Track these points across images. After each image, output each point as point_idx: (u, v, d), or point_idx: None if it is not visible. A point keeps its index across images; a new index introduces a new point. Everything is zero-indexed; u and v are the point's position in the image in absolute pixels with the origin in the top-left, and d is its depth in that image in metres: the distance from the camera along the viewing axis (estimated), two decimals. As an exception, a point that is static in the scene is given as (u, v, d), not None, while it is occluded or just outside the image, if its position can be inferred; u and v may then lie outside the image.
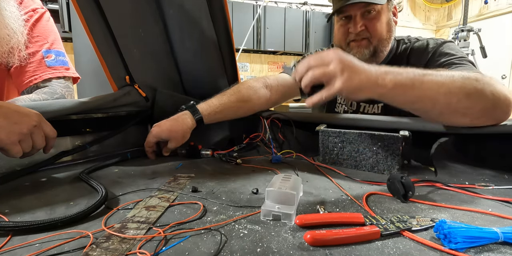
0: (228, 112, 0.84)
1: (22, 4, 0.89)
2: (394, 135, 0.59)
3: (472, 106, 0.55)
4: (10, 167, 0.61)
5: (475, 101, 0.55)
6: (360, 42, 0.87)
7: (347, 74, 0.52)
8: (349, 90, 0.53)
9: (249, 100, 0.87)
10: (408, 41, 0.93)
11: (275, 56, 4.05)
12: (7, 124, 0.50)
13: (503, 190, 0.51)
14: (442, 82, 0.55)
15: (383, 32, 0.86)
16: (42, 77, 0.90)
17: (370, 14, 0.84)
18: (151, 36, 0.99)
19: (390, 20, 0.88)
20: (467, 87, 0.54)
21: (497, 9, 3.65)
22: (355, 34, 0.86)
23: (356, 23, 0.85)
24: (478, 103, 0.55)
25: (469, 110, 0.56)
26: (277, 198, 0.42)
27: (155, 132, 0.76)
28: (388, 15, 0.87)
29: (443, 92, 0.54)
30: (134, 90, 0.91)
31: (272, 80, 0.96)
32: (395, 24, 0.90)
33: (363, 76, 0.53)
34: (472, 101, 0.55)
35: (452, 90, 0.54)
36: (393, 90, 0.55)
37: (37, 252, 0.32)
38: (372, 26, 0.85)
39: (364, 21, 0.85)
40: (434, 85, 0.55)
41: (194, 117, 0.79)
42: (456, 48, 0.83)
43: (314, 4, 3.85)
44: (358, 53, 0.88)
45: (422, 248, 0.33)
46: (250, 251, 0.32)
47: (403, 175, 0.47)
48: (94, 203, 0.42)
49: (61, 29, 2.43)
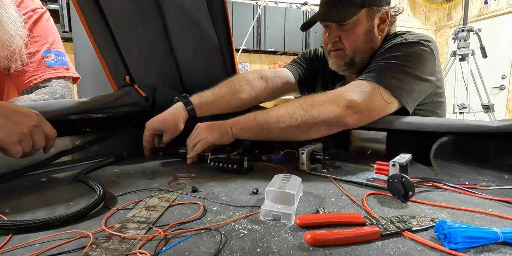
0: (221, 102, 0.84)
1: (22, 4, 0.89)
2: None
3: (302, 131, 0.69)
4: (10, 167, 0.61)
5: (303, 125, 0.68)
6: (337, 53, 0.86)
7: (210, 132, 0.71)
8: (218, 137, 0.71)
9: (242, 90, 0.87)
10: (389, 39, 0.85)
11: (275, 56, 4.05)
12: (7, 124, 0.50)
13: (503, 190, 0.51)
14: (271, 116, 0.70)
15: (358, 44, 0.83)
16: (42, 77, 0.90)
17: (345, 25, 0.81)
18: (151, 36, 0.99)
19: (370, 30, 0.83)
20: (290, 115, 0.68)
21: (497, 9, 3.65)
22: (331, 44, 0.85)
23: (330, 34, 0.84)
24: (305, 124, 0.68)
25: (305, 129, 0.69)
26: (277, 198, 0.42)
27: (149, 125, 0.77)
28: (368, 25, 0.82)
29: (273, 122, 0.69)
30: (134, 90, 0.91)
31: (268, 71, 0.96)
32: (381, 32, 0.84)
33: (221, 128, 0.72)
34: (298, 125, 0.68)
35: (278, 119, 0.69)
36: (239, 131, 0.71)
37: (37, 252, 0.32)
38: (346, 37, 0.83)
39: (339, 32, 0.83)
40: (264, 120, 0.70)
41: (186, 107, 0.79)
42: (403, 52, 0.74)
43: (314, 4, 3.85)
44: (334, 63, 0.87)
45: (422, 248, 0.33)
46: (250, 251, 0.32)
47: (403, 175, 0.46)
48: (92, 202, 0.42)
49: (61, 29, 2.42)
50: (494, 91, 3.63)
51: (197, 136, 0.71)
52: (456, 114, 2.42)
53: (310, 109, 0.67)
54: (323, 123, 0.67)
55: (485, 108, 2.54)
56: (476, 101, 2.57)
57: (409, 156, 0.55)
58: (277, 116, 0.69)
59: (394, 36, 0.84)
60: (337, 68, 0.88)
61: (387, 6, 0.84)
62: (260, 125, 0.70)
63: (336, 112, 0.66)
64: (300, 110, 0.68)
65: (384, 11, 0.83)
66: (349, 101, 0.67)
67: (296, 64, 1.04)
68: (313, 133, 0.70)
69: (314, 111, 0.67)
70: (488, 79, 2.91)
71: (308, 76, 1.03)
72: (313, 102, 0.68)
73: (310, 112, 0.67)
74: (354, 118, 0.68)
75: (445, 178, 0.57)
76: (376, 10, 0.82)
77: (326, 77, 1.02)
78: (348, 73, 0.90)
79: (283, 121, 0.68)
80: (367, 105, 0.68)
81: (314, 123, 0.67)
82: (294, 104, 0.69)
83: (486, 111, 2.55)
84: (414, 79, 0.72)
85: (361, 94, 0.68)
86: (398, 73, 0.71)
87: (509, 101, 3.58)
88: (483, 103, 2.55)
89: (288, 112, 0.68)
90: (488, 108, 2.53)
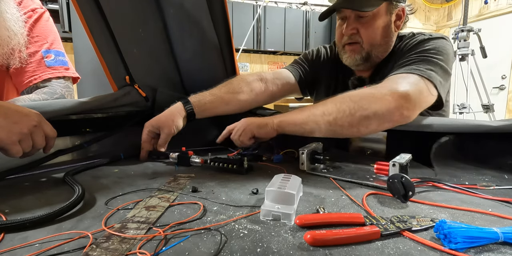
0: (219, 103, 0.84)
1: (22, 4, 0.89)
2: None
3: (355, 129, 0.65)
4: (10, 167, 0.61)
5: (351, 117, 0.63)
6: (353, 47, 0.85)
7: (251, 122, 0.72)
8: (256, 127, 0.71)
9: (240, 91, 0.87)
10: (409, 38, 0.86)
11: (275, 56, 4.05)
12: (7, 124, 0.50)
13: (503, 190, 0.51)
14: (317, 108, 0.67)
15: (376, 37, 0.82)
16: (41, 77, 0.90)
17: (364, 18, 0.81)
18: (151, 36, 0.99)
19: (388, 25, 0.83)
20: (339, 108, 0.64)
21: (497, 9, 3.65)
22: (348, 37, 0.84)
23: (348, 25, 0.83)
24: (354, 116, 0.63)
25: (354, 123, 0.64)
26: (277, 198, 0.42)
27: (146, 123, 0.77)
28: (386, 20, 0.82)
29: (319, 115, 0.66)
30: (134, 90, 0.91)
31: (268, 73, 0.96)
32: (397, 28, 0.85)
33: (261, 119, 0.72)
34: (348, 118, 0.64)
35: (325, 112, 0.65)
36: (281, 123, 0.70)
37: (37, 252, 0.32)
38: (364, 31, 0.82)
39: (357, 24, 0.82)
40: (310, 113, 0.68)
41: (185, 106, 0.79)
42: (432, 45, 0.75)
43: (314, 4, 3.85)
44: (350, 58, 0.86)
45: (422, 248, 0.33)
46: (250, 251, 0.32)
47: (403, 175, 0.46)
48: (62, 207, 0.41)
49: (61, 29, 2.42)
50: (494, 91, 3.63)
51: (239, 128, 0.72)
52: (456, 114, 2.42)
53: (360, 100, 0.63)
54: (374, 116, 0.62)
55: (485, 108, 2.54)
56: (476, 101, 2.57)
57: (409, 156, 0.55)
58: (324, 108, 0.65)
59: (412, 35, 0.85)
60: (352, 63, 0.87)
61: (404, 3, 0.84)
62: (306, 117, 0.67)
63: (390, 104, 0.61)
64: (349, 102, 0.64)
65: (401, 7, 0.84)
66: (401, 93, 0.62)
67: (298, 65, 1.04)
68: (362, 128, 0.64)
69: (364, 103, 0.62)
70: (488, 79, 2.91)
71: (310, 77, 1.02)
72: (363, 95, 0.64)
73: (359, 103, 0.63)
74: (408, 112, 0.63)
75: (445, 178, 0.57)
76: (395, 5, 0.82)
77: (330, 76, 1.01)
78: (362, 68, 0.89)
79: (329, 113, 0.64)
80: (418, 98, 0.64)
81: (364, 115, 0.62)
82: (342, 97, 0.66)
83: (486, 111, 2.55)
84: (445, 72, 0.72)
85: (411, 86, 0.64)
86: (433, 66, 0.71)
87: (509, 101, 3.59)
88: (483, 103, 2.55)
89: (335, 105, 0.65)
90: (488, 108, 2.53)
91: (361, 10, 0.79)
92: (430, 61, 0.72)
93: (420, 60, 0.72)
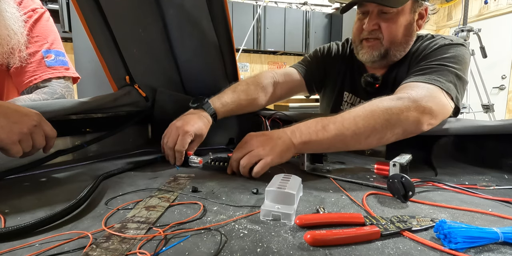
0: (238, 109, 0.84)
1: (22, 4, 0.89)
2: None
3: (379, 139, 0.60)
4: (10, 167, 0.61)
5: (380, 134, 0.59)
6: (372, 42, 0.83)
7: (268, 148, 0.59)
8: (278, 157, 0.58)
9: (257, 97, 0.88)
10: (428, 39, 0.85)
11: (275, 56, 4.05)
12: (7, 124, 0.50)
13: (503, 190, 0.51)
14: (346, 127, 0.59)
15: (398, 35, 0.80)
16: (42, 77, 0.89)
17: (388, 14, 0.79)
18: (151, 36, 0.99)
19: (411, 23, 0.81)
20: (369, 126, 0.59)
21: (497, 9, 3.65)
22: (368, 32, 0.82)
23: (370, 20, 0.81)
24: (384, 134, 0.60)
25: (383, 140, 0.61)
26: (277, 198, 0.42)
27: (185, 129, 0.68)
28: (410, 18, 0.80)
29: (350, 135, 0.59)
30: (134, 90, 0.91)
31: (279, 75, 0.96)
32: (418, 28, 0.83)
33: (280, 142, 0.59)
34: (377, 135, 0.59)
35: (356, 131, 0.59)
36: (304, 146, 0.60)
37: (37, 252, 0.32)
38: (386, 27, 0.80)
39: (379, 20, 0.80)
40: (338, 132, 0.59)
41: (211, 116, 0.77)
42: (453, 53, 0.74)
43: (314, 4, 3.86)
44: (367, 53, 0.85)
45: (422, 248, 0.33)
46: (250, 251, 0.32)
47: (403, 175, 0.46)
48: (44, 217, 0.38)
49: (61, 29, 2.42)
50: (494, 91, 3.64)
51: (252, 153, 0.59)
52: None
53: (390, 117, 0.59)
54: (403, 133, 0.61)
55: (485, 108, 2.54)
56: (476, 101, 2.57)
57: (409, 156, 0.55)
58: (354, 127, 0.59)
59: (431, 37, 0.84)
60: (368, 58, 0.85)
61: (428, 1, 0.83)
62: (333, 137, 0.59)
63: (418, 122, 0.60)
64: (377, 118, 0.59)
65: (425, 7, 0.82)
66: (426, 108, 0.61)
67: (306, 63, 1.03)
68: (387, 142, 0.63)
69: (394, 120, 0.59)
70: (488, 79, 2.91)
71: (318, 74, 1.02)
72: (391, 110, 0.60)
73: (391, 121, 0.59)
74: (430, 125, 0.63)
75: (445, 178, 0.57)
76: (419, 4, 0.80)
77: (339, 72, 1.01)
78: (377, 65, 0.88)
79: (360, 132, 0.59)
80: (441, 112, 0.64)
81: (395, 133, 0.60)
82: (371, 111, 0.60)
83: (486, 111, 2.55)
84: (463, 83, 0.72)
85: (434, 100, 0.63)
86: (453, 77, 0.70)
87: (509, 101, 3.59)
88: (483, 103, 2.55)
89: (366, 121, 0.59)
90: (488, 108, 2.53)
91: (389, 6, 0.76)
92: (450, 71, 0.70)
93: (441, 70, 0.71)
